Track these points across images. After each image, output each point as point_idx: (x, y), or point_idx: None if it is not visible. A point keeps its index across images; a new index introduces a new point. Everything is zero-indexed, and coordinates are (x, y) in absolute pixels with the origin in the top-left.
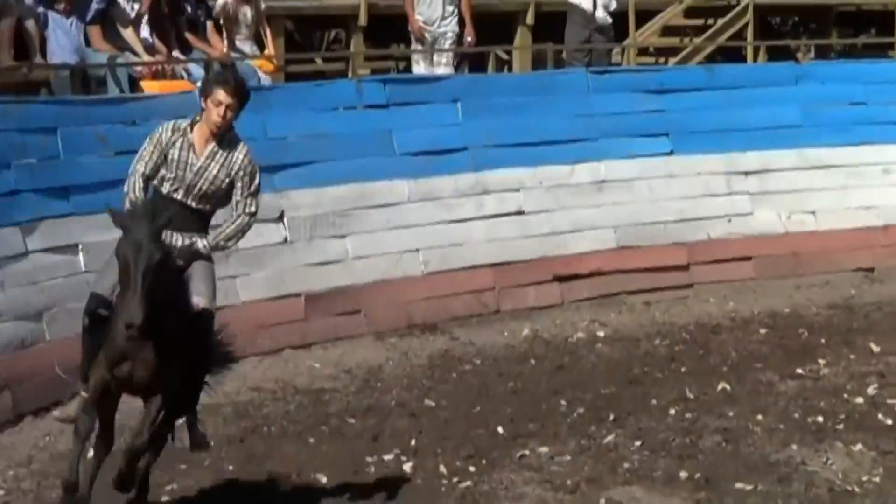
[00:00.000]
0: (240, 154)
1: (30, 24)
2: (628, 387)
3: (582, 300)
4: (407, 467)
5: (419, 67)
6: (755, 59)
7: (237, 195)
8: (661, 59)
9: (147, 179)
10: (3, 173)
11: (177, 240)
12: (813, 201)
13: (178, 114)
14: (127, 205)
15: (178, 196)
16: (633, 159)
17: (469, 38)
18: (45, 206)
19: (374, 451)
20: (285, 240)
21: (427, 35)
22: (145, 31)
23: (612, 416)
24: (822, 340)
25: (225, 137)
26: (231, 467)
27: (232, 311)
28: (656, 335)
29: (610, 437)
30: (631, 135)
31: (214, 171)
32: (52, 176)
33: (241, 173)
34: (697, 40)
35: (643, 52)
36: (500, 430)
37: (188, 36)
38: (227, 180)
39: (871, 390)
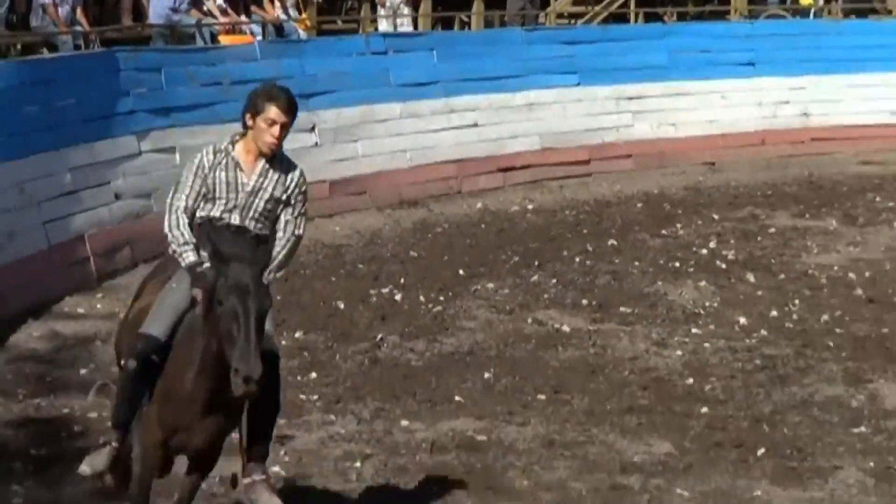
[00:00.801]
0: (296, 173)
1: None
2: (548, 243)
3: (517, 184)
4: (398, 297)
5: (382, 26)
6: (636, 20)
7: (287, 214)
8: (572, 21)
9: (192, 214)
10: (124, 99)
11: None
12: (674, 117)
13: (243, 58)
14: (172, 247)
15: (234, 220)
16: (553, 89)
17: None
18: (152, 121)
19: (375, 286)
20: (315, 143)
21: (388, 3)
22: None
23: (536, 263)
24: (679, 212)
25: (276, 155)
26: (279, 297)
27: None
28: (567, 208)
29: (535, 277)
30: (551, 72)
31: (270, 189)
32: (158, 100)
33: (296, 191)
34: (597, 8)
35: (560, 16)
36: (460, 272)
37: (252, 6)
38: (282, 198)
39: (711, 245)
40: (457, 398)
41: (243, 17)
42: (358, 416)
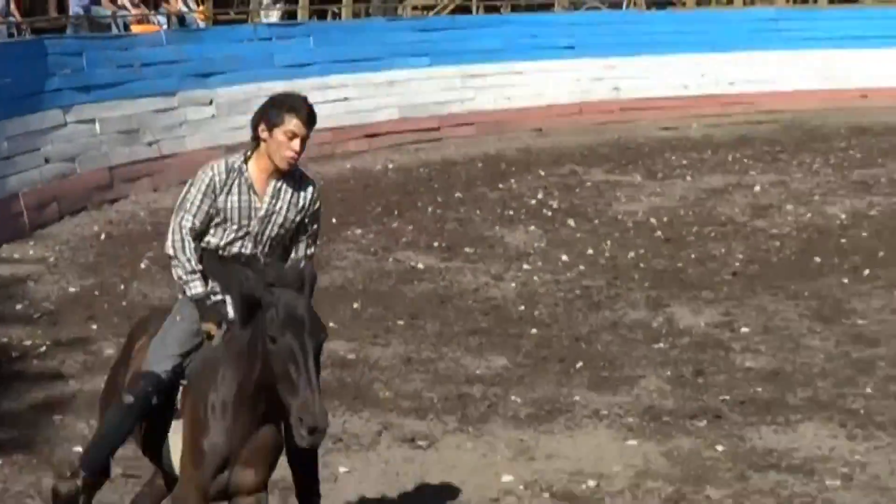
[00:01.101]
0: (309, 192)
1: None
2: (405, 196)
3: (380, 148)
4: None
5: (270, 18)
6: (478, 12)
7: (300, 234)
8: (425, 12)
9: (198, 237)
10: (52, 78)
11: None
12: (509, 92)
13: (151, 44)
14: (178, 273)
15: (247, 250)
16: (409, 69)
17: None
18: (76, 97)
19: None
20: (213, 115)
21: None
22: None
23: (396, 212)
24: (514, 169)
25: (291, 170)
26: None
27: (185, 155)
28: (421, 167)
29: (395, 224)
30: (408, 55)
31: (283, 212)
32: (80, 79)
33: (310, 209)
34: (446, 0)
35: (415, 8)
36: (333, 220)
37: (160, 0)
38: (296, 219)
39: (539, 196)
40: (331, 324)
41: (152, 10)
42: None
